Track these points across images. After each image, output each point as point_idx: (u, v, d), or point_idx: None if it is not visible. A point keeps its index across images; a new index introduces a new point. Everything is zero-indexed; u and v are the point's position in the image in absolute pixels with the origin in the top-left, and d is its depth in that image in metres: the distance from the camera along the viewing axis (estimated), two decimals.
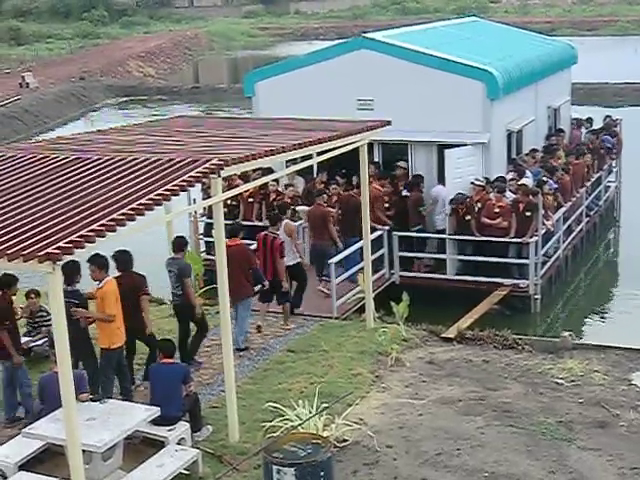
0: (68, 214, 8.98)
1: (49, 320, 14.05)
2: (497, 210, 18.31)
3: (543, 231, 18.26)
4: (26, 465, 10.32)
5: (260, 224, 19.62)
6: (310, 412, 11.25)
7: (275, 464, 8.93)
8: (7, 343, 11.99)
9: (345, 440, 11.15)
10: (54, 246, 8.07)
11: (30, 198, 9.69)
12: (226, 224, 11.93)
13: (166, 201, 9.70)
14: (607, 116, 27.15)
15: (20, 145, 13.46)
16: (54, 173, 10.57)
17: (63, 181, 10.22)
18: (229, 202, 19.03)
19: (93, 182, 10.07)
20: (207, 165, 10.40)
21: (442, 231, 18.83)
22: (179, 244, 14.01)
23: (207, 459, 10.76)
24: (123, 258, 12.70)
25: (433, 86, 18.94)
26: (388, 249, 18.53)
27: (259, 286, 15.27)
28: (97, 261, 11.76)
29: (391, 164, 19.72)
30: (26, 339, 14.26)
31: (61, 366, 8.47)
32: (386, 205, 18.93)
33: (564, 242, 20.15)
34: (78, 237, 8.28)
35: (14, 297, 12.87)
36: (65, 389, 8.50)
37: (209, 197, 12.33)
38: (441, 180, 19.13)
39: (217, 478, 10.09)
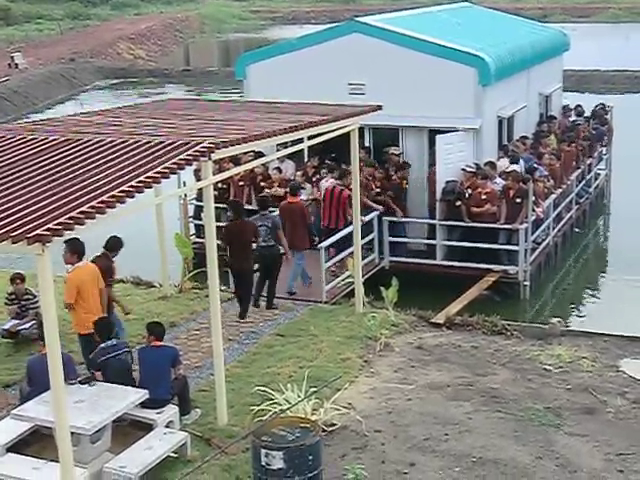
0: (57, 196, 8.93)
1: (36, 303, 14.04)
2: (484, 197, 18.33)
3: (533, 218, 18.29)
4: (14, 447, 10.29)
5: (250, 207, 19.62)
6: (299, 396, 11.25)
7: (263, 447, 8.93)
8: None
9: (333, 424, 11.15)
10: (43, 228, 8.02)
11: (19, 180, 9.63)
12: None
13: (156, 184, 9.65)
14: (599, 104, 27.16)
15: (9, 126, 13.37)
16: (43, 155, 10.51)
17: (52, 163, 10.16)
18: (219, 185, 18.99)
19: (82, 164, 10.01)
20: (197, 148, 10.36)
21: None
22: (265, 203, 15.99)
23: (195, 442, 10.75)
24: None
25: (425, 71, 18.92)
26: (378, 234, 18.53)
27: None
28: (71, 245, 11.79)
29: (382, 149, 19.70)
30: (14, 322, 14.24)
31: (50, 348, 8.44)
32: (377, 190, 18.93)
33: (554, 229, 20.19)
34: (67, 219, 8.23)
35: None
36: (53, 371, 8.47)
37: (200, 180, 12.32)
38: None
39: (205, 461, 10.08)
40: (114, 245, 13.46)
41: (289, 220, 16.34)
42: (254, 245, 15.26)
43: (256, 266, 15.67)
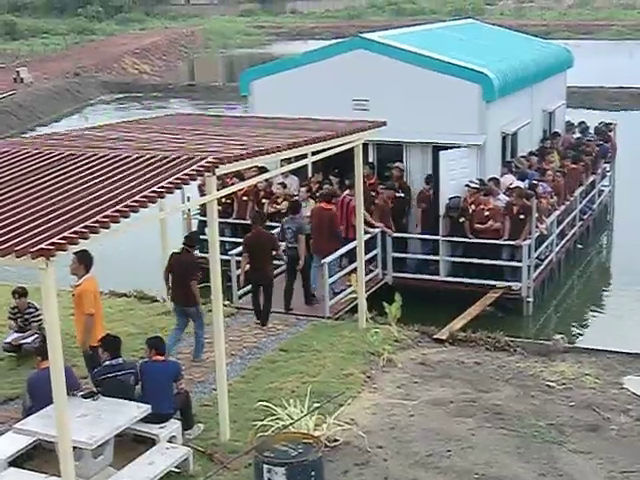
0: (62, 210, 8.96)
1: (38, 316, 14.05)
2: (487, 213, 18.34)
3: (536, 234, 18.29)
4: (16, 461, 10.29)
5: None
6: (301, 411, 11.24)
7: (266, 463, 8.93)
8: (196, 292, 13.63)
9: (336, 440, 11.14)
10: (47, 242, 8.05)
11: (24, 194, 9.66)
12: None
13: (160, 199, 9.67)
14: (601, 122, 27.18)
15: (14, 140, 13.42)
16: (48, 169, 10.55)
17: (56, 177, 10.20)
18: (223, 200, 19.03)
19: (87, 179, 10.04)
20: (202, 163, 10.38)
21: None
22: (296, 206, 16.77)
23: (198, 457, 10.74)
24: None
25: (429, 88, 18.94)
26: (381, 250, 18.53)
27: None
28: (80, 256, 11.73)
29: (385, 165, 19.72)
30: (16, 335, 14.25)
31: (53, 362, 8.44)
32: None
33: (557, 245, 20.18)
34: (72, 233, 8.26)
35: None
36: (56, 385, 8.47)
37: (204, 195, 12.33)
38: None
39: (208, 476, 10.07)
40: (194, 240, 14.28)
41: (318, 225, 17.01)
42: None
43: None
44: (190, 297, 13.67)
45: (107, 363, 11.20)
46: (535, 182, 19.78)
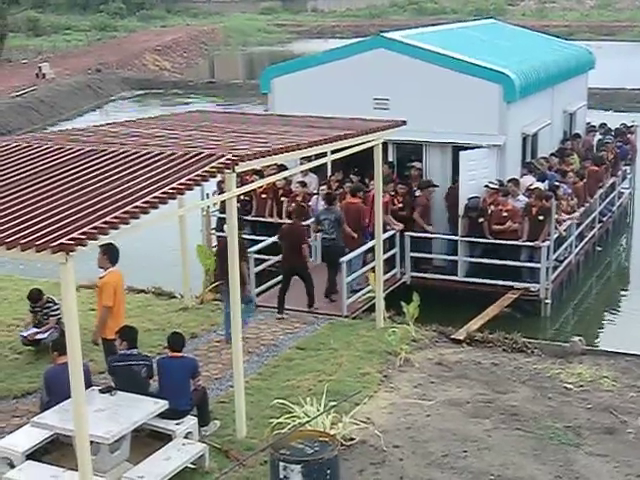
0: (82, 206, 8.99)
1: (56, 310, 14.12)
2: (505, 214, 18.29)
3: (555, 235, 18.23)
4: (33, 455, 10.34)
5: (272, 220, 19.67)
6: (318, 410, 11.25)
7: (282, 461, 8.94)
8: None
9: (352, 439, 11.14)
10: (67, 237, 8.07)
11: (44, 189, 9.71)
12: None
13: (180, 195, 9.69)
14: (622, 124, 27.06)
15: (36, 135, 13.48)
16: (68, 164, 10.59)
17: (77, 173, 10.24)
18: (242, 197, 19.05)
19: (107, 174, 10.08)
20: (222, 160, 10.40)
21: None
22: (331, 198, 17.30)
23: (214, 454, 10.77)
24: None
25: (450, 87, 18.91)
26: (400, 249, 18.51)
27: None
28: (106, 249, 11.83)
29: (405, 164, 19.70)
30: (34, 330, 14.31)
31: (72, 357, 8.47)
32: (400, 205, 18.93)
33: (576, 247, 20.11)
34: (92, 229, 8.28)
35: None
36: (74, 380, 8.50)
37: (223, 192, 12.36)
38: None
39: (223, 473, 10.09)
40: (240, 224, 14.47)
41: (345, 218, 17.33)
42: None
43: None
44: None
45: (122, 352, 11.28)
46: (557, 184, 19.72)
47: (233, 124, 13.96)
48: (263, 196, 20.12)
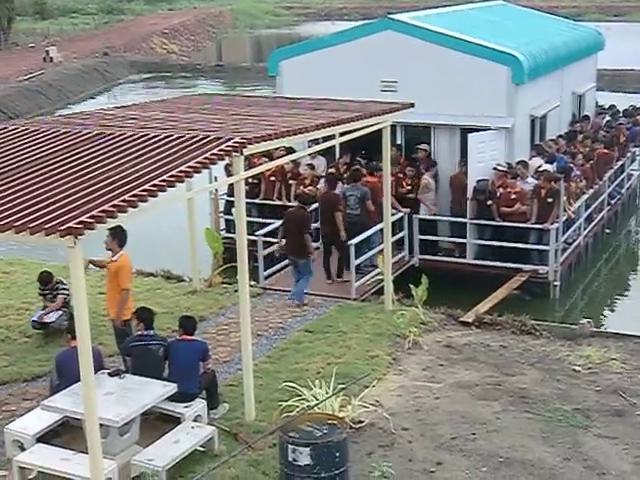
0: (90, 189, 8.98)
1: (65, 289, 14.15)
2: (513, 196, 18.25)
3: (564, 218, 18.19)
4: (44, 437, 10.39)
5: (280, 203, 19.66)
6: (327, 392, 11.26)
7: (291, 443, 8.95)
8: (309, 243, 15.56)
9: (361, 421, 11.16)
10: (76, 220, 8.06)
11: (52, 172, 9.70)
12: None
13: (188, 178, 9.68)
14: (631, 105, 26.95)
15: (43, 119, 13.47)
16: (77, 148, 10.58)
17: (85, 156, 10.23)
18: (250, 180, 19.05)
19: (115, 158, 10.07)
20: (230, 143, 10.38)
21: None
22: (356, 175, 17.74)
23: (223, 437, 10.79)
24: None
25: (458, 69, 18.84)
26: (408, 232, 18.50)
27: None
28: (114, 233, 11.87)
29: (413, 147, 19.66)
30: (41, 312, 14.33)
31: (81, 340, 8.49)
32: (408, 187, 18.92)
33: (585, 229, 20.07)
34: (100, 212, 8.27)
35: None
36: (84, 363, 8.52)
37: (231, 175, 12.34)
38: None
39: (232, 456, 10.11)
40: (306, 200, 16.14)
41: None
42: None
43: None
44: (303, 248, 15.50)
45: (140, 333, 11.34)
46: (570, 166, 19.65)
47: (240, 107, 13.93)
48: (271, 179, 20.12)
